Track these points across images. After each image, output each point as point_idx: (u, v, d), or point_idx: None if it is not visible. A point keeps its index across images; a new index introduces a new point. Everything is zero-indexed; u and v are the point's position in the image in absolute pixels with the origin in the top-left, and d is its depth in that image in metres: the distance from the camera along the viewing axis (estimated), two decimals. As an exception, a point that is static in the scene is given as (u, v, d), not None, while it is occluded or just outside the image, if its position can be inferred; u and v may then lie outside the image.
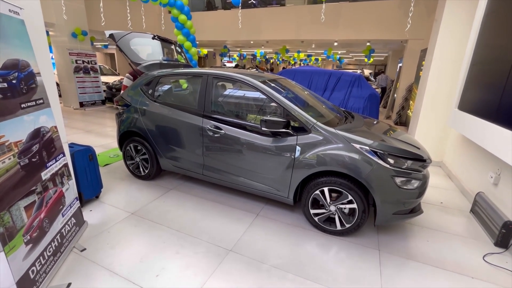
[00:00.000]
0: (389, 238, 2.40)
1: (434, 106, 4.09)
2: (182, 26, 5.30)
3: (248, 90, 2.79)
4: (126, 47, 3.25)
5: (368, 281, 1.91)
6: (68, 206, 2.10)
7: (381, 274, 1.98)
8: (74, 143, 2.82)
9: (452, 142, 3.94)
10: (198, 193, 3.10)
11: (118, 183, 3.28)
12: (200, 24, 10.28)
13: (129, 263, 1.98)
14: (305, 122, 2.33)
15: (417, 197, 2.20)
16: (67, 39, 7.71)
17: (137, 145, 3.23)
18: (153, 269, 1.94)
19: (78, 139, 5.12)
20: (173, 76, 3.15)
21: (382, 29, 7.83)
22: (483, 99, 2.76)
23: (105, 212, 2.65)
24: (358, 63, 22.06)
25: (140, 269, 1.94)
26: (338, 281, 1.90)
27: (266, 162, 2.49)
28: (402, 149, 2.18)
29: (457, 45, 3.76)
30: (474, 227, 2.64)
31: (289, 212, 2.76)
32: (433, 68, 3.99)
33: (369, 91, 4.95)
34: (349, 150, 2.17)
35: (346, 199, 2.24)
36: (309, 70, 5.40)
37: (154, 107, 3.04)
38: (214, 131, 2.66)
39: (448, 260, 2.15)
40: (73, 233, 2.13)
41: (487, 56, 2.84)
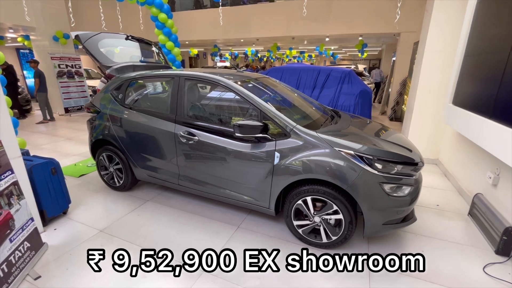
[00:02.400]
0: (380, 248, 2.19)
1: (428, 101, 3.89)
2: (163, 26, 5.06)
3: (223, 92, 2.57)
4: (94, 49, 3.02)
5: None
6: (19, 229, 1.87)
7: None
8: (36, 155, 2.59)
9: (448, 138, 3.73)
10: (176, 204, 2.87)
11: (92, 196, 3.06)
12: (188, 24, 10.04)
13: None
14: (284, 126, 2.11)
15: (409, 204, 1.99)
16: (48, 43, 7.43)
17: (110, 154, 3.00)
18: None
19: (55, 148, 4.88)
20: (143, 79, 2.92)
21: (373, 22, 7.61)
22: (479, 92, 2.55)
23: (71, 231, 2.42)
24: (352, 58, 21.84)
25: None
26: (322, 304, 1.69)
27: (244, 170, 2.27)
28: (392, 153, 1.97)
29: (449, 36, 3.55)
30: (473, 232, 2.44)
31: (273, 222, 2.54)
32: (425, 61, 3.78)
33: (360, 87, 4.74)
34: (332, 155, 1.96)
35: (331, 209, 2.02)
36: (297, 67, 5.18)
37: (125, 113, 2.81)
38: (187, 138, 2.43)
39: (445, 273, 1.95)
40: (27, 259, 1.91)
41: (482, 47, 2.63)
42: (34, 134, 5.82)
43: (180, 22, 9.13)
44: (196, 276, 1.90)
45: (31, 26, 7.23)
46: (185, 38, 10.15)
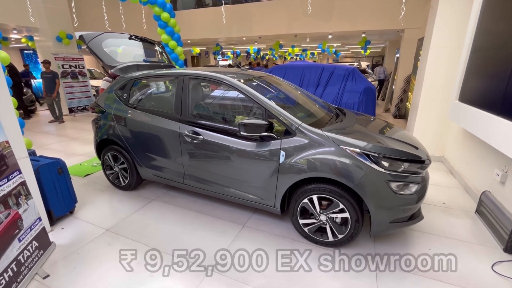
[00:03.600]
0: (387, 247, 2.18)
1: (434, 98, 3.85)
2: (166, 25, 5.05)
3: (228, 91, 2.56)
4: (98, 48, 3.02)
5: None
6: (28, 229, 1.89)
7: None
8: (43, 156, 2.61)
9: (454, 135, 3.70)
10: (182, 203, 2.88)
11: (97, 195, 3.07)
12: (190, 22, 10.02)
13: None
14: (289, 124, 2.10)
15: (416, 202, 1.97)
16: (52, 44, 7.46)
17: (115, 154, 3.01)
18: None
19: (60, 148, 4.92)
20: (148, 78, 2.92)
21: (377, 19, 7.53)
22: (486, 89, 2.51)
23: (78, 230, 2.44)
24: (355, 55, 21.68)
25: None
26: (329, 303, 1.69)
27: (249, 169, 2.26)
28: (398, 150, 1.95)
29: (455, 31, 3.50)
30: (481, 230, 2.41)
31: (278, 221, 2.54)
32: (430, 57, 3.74)
33: (364, 85, 4.70)
34: (338, 153, 1.94)
35: (337, 207, 2.01)
36: (301, 65, 5.15)
37: (130, 113, 2.82)
38: (192, 137, 2.43)
39: (453, 271, 1.93)
40: (36, 258, 1.93)
41: (489, 42, 2.59)
42: (39, 134, 5.86)
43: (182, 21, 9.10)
44: (203, 275, 1.90)
45: (35, 26, 7.27)
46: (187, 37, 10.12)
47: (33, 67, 12.54)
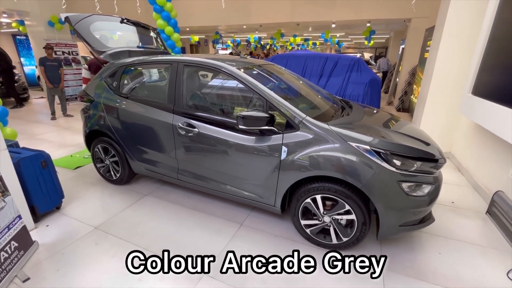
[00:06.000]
0: (394, 250, 2.04)
1: (443, 91, 3.65)
2: (161, 9, 4.77)
3: (226, 79, 2.36)
4: (86, 32, 2.79)
5: (370, 311, 1.56)
6: (5, 228, 1.73)
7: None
8: (26, 148, 2.43)
9: (463, 131, 3.52)
10: (176, 199, 2.73)
11: (87, 190, 2.91)
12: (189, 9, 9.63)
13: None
14: (292, 117, 1.91)
15: (428, 204, 1.82)
16: (44, 29, 7.16)
17: (105, 147, 2.83)
18: (107, 304, 1.60)
19: (51, 138, 4.73)
20: (140, 65, 2.71)
21: (383, 7, 7.20)
22: (506, 82, 2.32)
23: (64, 227, 2.28)
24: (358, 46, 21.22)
25: (92, 305, 1.59)
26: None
27: (248, 165, 2.09)
28: (411, 147, 1.78)
29: (470, 19, 3.27)
30: (493, 232, 2.27)
31: (278, 220, 2.39)
32: (442, 47, 3.52)
33: (370, 76, 4.48)
34: (345, 150, 1.77)
35: (343, 209, 1.86)
36: (304, 54, 4.91)
37: (120, 103, 2.62)
38: (186, 130, 2.25)
39: (465, 278, 1.80)
40: (15, 260, 1.78)
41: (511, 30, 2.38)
42: (30, 124, 5.66)
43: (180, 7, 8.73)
44: (196, 280, 1.76)
45: (25, 10, 6.94)
46: (185, 25, 9.75)
47: (26, 53, 12.15)
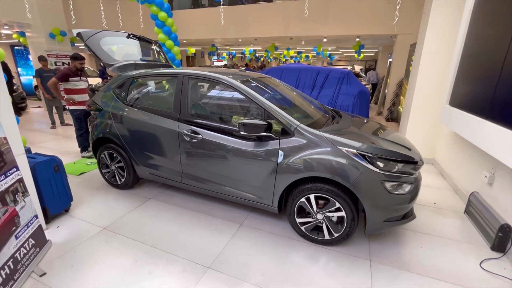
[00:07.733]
0: (381, 246, 2.25)
1: (425, 102, 3.97)
2: (163, 24, 5.05)
3: (227, 91, 2.59)
4: (96, 46, 3.01)
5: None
6: (25, 226, 1.87)
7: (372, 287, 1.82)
8: (38, 153, 2.58)
9: (444, 138, 3.82)
10: (179, 202, 2.89)
11: (93, 194, 3.05)
12: (186, 23, 10.00)
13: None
14: (287, 125, 2.14)
15: (409, 201, 2.05)
16: (45, 40, 7.34)
17: (111, 153, 3.00)
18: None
19: (52, 146, 4.84)
20: (147, 77, 2.93)
21: (371, 24, 7.69)
22: (475, 94, 2.62)
23: (74, 228, 2.42)
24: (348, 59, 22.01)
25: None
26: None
27: (247, 168, 2.30)
28: (392, 151, 2.02)
29: (447, 37, 3.63)
30: (469, 229, 2.51)
31: (275, 220, 2.58)
32: (422, 62, 3.86)
33: (359, 88, 4.80)
34: (335, 154, 2.00)
35: (334, 206, 2.07)
36: (297, 67, 5.22)
37: (128, 112, 2.82)
38: (191, 136, 2.45)
39: (443, 269, 2.01)
40: (32, 256, 1.91)
41: (479, 48, 2.70)
42: (30, 132, 5.76)
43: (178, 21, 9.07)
44: (201, 273, 1.92)
45: (27, 22, 7.14)
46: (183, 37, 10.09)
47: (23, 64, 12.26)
